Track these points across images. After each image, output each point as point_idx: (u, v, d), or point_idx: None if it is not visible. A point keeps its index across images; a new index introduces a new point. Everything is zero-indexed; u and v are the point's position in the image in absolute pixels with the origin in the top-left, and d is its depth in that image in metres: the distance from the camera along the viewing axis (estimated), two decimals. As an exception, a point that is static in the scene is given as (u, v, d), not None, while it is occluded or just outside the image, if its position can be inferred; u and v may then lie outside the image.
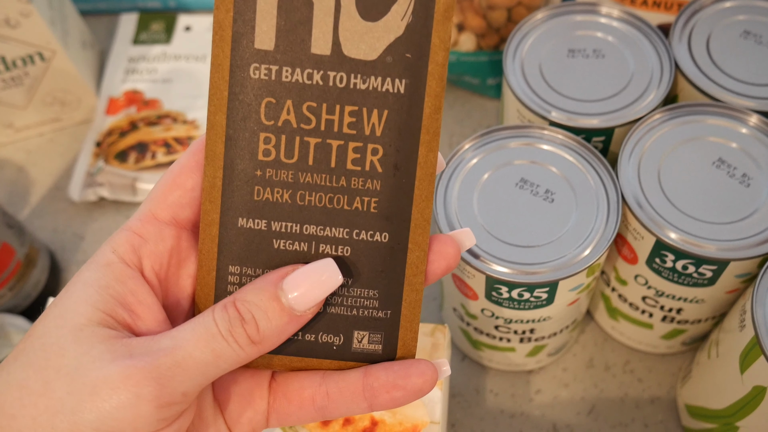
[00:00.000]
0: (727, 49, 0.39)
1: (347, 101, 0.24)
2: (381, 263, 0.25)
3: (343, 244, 0.25)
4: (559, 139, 0.36)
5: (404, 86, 0.24)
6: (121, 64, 0.58)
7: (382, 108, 0.24)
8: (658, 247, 0.34)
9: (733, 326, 0.34)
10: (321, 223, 0.25)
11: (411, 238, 0.25)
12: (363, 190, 0.25)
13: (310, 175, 0.24)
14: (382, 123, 0.24)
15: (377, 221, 0.25)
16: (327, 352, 0.26)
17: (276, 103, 0.24)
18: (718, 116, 0.36)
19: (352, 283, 0.25)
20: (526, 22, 0.41)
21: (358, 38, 0.23)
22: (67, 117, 0.57)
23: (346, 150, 0.24)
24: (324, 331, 0.26)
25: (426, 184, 0.25)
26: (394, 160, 0.24)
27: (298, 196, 0.25)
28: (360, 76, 0.24)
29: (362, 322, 0.26)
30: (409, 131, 0.24)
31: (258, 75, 0.24)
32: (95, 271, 0.24)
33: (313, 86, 0.24)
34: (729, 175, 0.35)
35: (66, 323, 0.23)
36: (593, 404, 0.43)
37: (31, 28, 0.49)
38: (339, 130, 0.24)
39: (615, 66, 0.39)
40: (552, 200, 0.35)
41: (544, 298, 0.34)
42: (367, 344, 0.26)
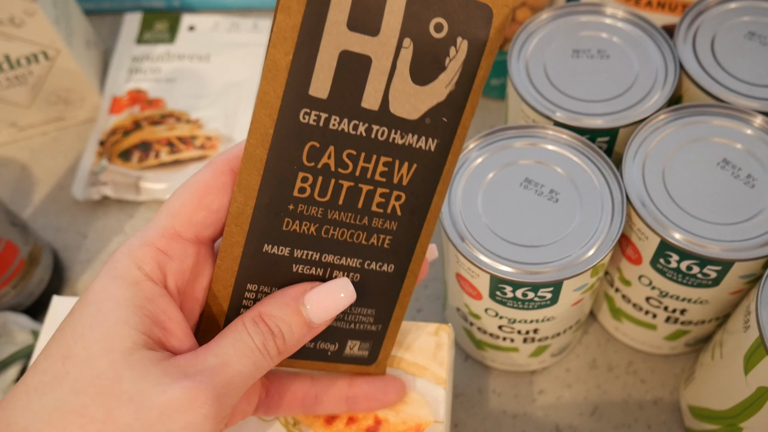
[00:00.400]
0: (732, 50, 0.39)
1: (384, 153, 0.26)
2: (382, 288, 0.29)
3: (354, 271, 0.28)
4: (564, 140, 0.36)
5: (435, 145, 0.26)
6: (125, 64, 0.58)
7: (413, 162, 0.26)
8: (662, 248, 0.34)
9: (737, 327, 0.34)
10: (339, 253, 0.27)
11: (410, 268, 0.29)
12: (381, 229, 0.27)
13: (338, 213, 0.26)
14: (410, 175, 0.26)
15: (387, 255, 0.28)
16: (321, 356, 0.30)
17: (319, 148, 0.25)
18: (722, 117, 0.36)
19: (355, 304, 0.29)
20: (530, 22, 0.41)
21: (405, 99, 0.25)
22: (70, 116, 0.57)
23: (373, 194, 0.27)
24: (323, 339, 0.29)
25: (432, 225, 0.28)
26: (412, 206, 0.27)
27: (323, 229, 0.27)
28: (400, 132, 0.26)
29: (357, 334, 0.30)
30: (431, 183, 0.27)
31: (307, 120, 0.24)
32: (126, 289, 0.24)
33: (357, 136, 0.25)
34: (734, 176, 0.35)
35: (114, 348, 0.23)
36: (596, 405, 0.43)
37: (36, 27, 0.49)
38: (372, 177, 0.26)
39: (620, 66, 0.39)
40: (556, 200, 0.35)
41: (548, 298, 0.34)
42: (357, 351, 0.30)
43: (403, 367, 0.34)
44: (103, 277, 0.25)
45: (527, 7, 0.47)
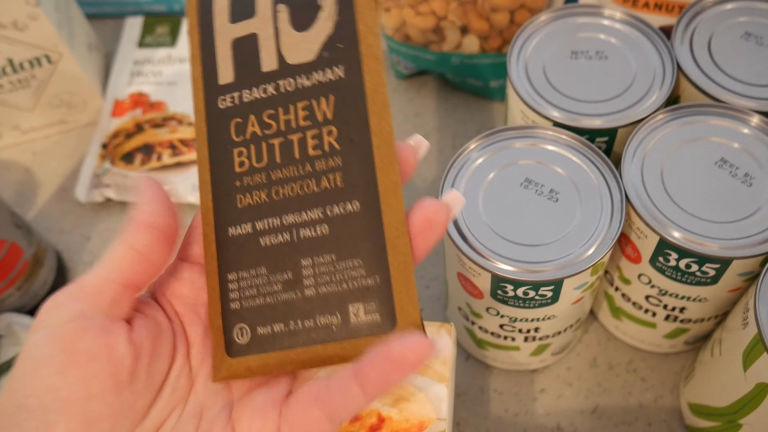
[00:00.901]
0: (729, 50, 0.39)
1: (298, 99, 0.27)
2: (358, 231, 0.26)
3: (320, 223, 0.27)
4: (563, 140, 0.37)
5: (343, 71, 0.27)
6: (127, 67, 0.59)
7: (328, 94, 0.27)
8: (661, 246, 0.34)
9: (736, 325, 0.35)
10: (297, 209, 0.27)
11: (383, 201, 0.26)
12: (327, 169, 0.27)
13: (279, 170, 0.27)
14: (331, 107, 0.27)
15: (345, 193, 0.26)
16: (329, 334, 0.26)
17: (242, 122, 0.27)
18: (720, 117, 0.37)
19: (336, 259, 0.26)
20: (529, 24, 0.41)
21: (297, 47, 0.27)
22: (73, 119, 0.57)
23: (305, 139, 0.27)
24: (320, 312, 0.27)
25: (385, 150, 0.26)
26: (347, 134, 0.27)
27: (273, 192, 0.27)
28: (305, 76, 0.27)
29: (354, 294, 0.26)
30: (357, 107, 0.27)
31: (225, 105, 0.28)
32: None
33: (269, 97, 0.27)
34: (731, 174, 0.35)
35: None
36: (597, 403, 0.43)
37: (39, 30, 0.50)
38: (296, 125, 0.27)
39: (618, 67, 0.39)
40: (556, 200, 0.35)
41: (549, 296, 0.35)
42: (365, 316, 0.26)
43: (405, 366, 0.35)
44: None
45: (525, 9, 0.47)
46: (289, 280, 0.27)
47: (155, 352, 0.25)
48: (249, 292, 0.27)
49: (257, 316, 0.27)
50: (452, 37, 0.49)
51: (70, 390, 0.22)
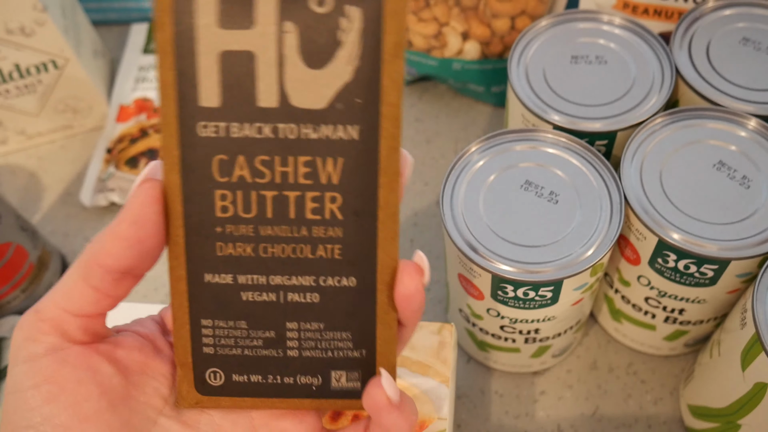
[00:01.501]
0: (727, 55, 0.40)
1: (300, 152, 0.23)
2: (351, 306, 0.25)
3: (310, 291, 0.25)
4: (563, 143, 0.37)
5: (357, 132, 0.23)
6: (132, 73, 0.59)
7: (337, 156, 0.23)
8: (660, 248, 0.35)
9: (735, 325, 0.35)
10: (287, 273, 0.25)
11: (379, 279, 0.25)
12: (325, 238, 0.24)
13: (270, 228, 0.24)
14: (338, 171, 0.24)
15: (342, 267, 0.25)
16: (307, 392, 0.26)
17: (228, 160, 0.23)
18: (718, 120, 0.37)
19: (324, 328, 0.25)
20: (530, 29, 0.42)
21: (305, 87, 0.23)
22: (78, 124, 0.58)
23: (303, 200, 0.24)
24: (302, 373, 0.26)
25: (389, 225, 0.24)
26: (353, 206, 0.24)
27: (260, 248, 0.24)
28: (311, 126, 0.23)
29: (338, 363, 0.26)
30: (367, 176, 0.24)
31: (206, 133, 0.23)
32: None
33: (264, 140, 0.23)
34: (729, 177, 0.36)
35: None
36: (597, 405, 0.43)
37: (46, 36, 0.50)
38: (295, 181, 0.24)
39: (617, 72, 0.40)
40: (556, 201, 0.36)
41: (548, 297, 0.35)
42: (345, 383, 0.26)
43: (407, 366, 0.35)
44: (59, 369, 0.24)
45: (526, 16, 0.48)
46: (271, 338, 0.26)
47: (147, 366, 0.25)
48: (226, 341, 0.26)
49: (234, 364, 0.26)
50: (454, 43, 0.50)
51: (64, 416, 0.22)
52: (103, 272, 0.23)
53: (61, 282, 0.24)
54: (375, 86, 0.23)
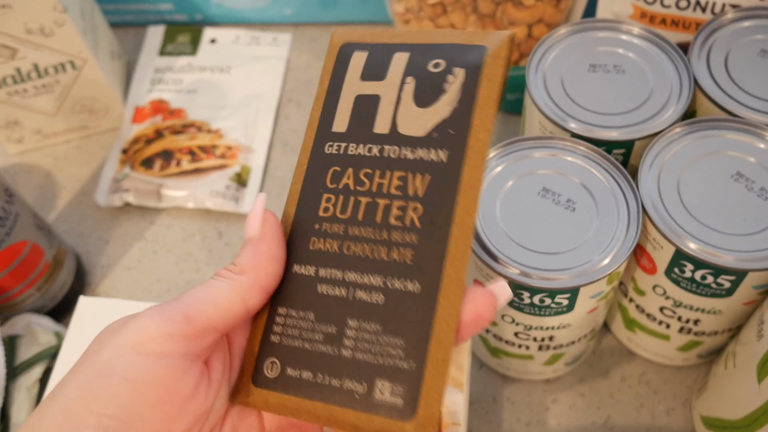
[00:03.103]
0: (745, 66, 0.40)
1: (397, 168, 0.28)
2: (410, 312, 0.26)
3: (377, 291, 0.27)
4: (581, 151, 0.37)
5: (446, 156, 0.27)
6: (148, 75, 0.60)
7: (425, 173, 0.27)
8: (677, 257, 0.35)
9: (751, 338, 0.35)
10: (360, 270, 0.27)
11: (442, 293, 0.26)
12: (401, 243, 0.27)
13: (357, 228, 0.27)
14: (424, 186, 0.27)
15: (411, 271, 0.26)
16: (350, 400, 0.27)
17: (340, 171, 0.28)
18: (736, 131, 0.37)
19: (381, 331, 0.26)
20: (548, 37, 0.42)
21: (412, 120, 0.28)
22: (94, 125, 0.58)
23: (390, 208, 0.27)
24: (349, 375, 0.27)
25: (462, 244, 0.26)
26: (431, 217, 0.27)
27: (345, 246, 0.28)
28: (410, 149, 0.28)
29: (386, 371, 0.26)
30: (448, 193, 0.27)
31: (330, 150, 0.29)
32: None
33: (371, 157, 0.28)
34: (747, 188, 0.36)
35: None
36: (609, 414, 0.43)
37: (65, 37, 0.51)
38: (387, 191, 0.27)
39: (635, 81, 0.40)
40: (573, 209, 0.36)
41: (564, 304, 0.35)
42: (389, 396, 0.26)
43: (421, 370, 0.35)
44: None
45: (543, 24, 0.48)
46: (331, 334, 0.27)
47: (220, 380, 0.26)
48: (291, 331, 0.28)
49: (292, 356, 0.28)
50: (470, 50, 0.50)
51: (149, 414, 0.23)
52: (264, 293, 0.26)
53: (213, 295, 0.25)
54: (467, 123, 0.27)
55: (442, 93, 0.28)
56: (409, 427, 0.26)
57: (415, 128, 0.28)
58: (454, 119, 0.27)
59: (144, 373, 0.23)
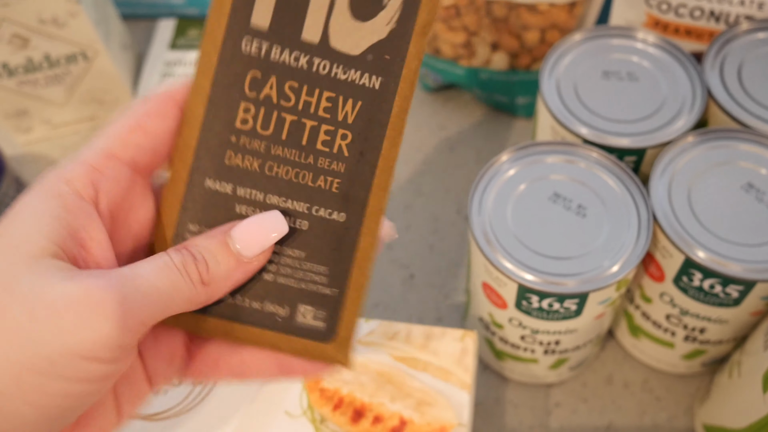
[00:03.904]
0: (759, 78, 0.40)
1: (326, 87, 0.26)
2: (334, 242, 0.26)
3: (302, 217, 0.26)
4: (593, 158, 0.38)
5: (379, 83, 0.26)
6: (158, 68, 0.60)
7: (357, 99, 0.26)
8: (686, 266, 0.35)
9: (757, 348, 0.35)
10: (284, 195, 0.26)
11: (365, 224, 0.26)
12: (328, 170, 0.26)
13: (281, 148, 0.26)
14: (354, 112, 0.26)
15: (337, 201, 0.26)
16: (271, 322, 0.27)
17: (261, 78, 0.26)
18: (748, 142, 0.38)
19: (305, 257, 0.27)
20: (563, 42, 0.42)
21: (346, 34, 0.26)
22: (103, 116, 0.58)
23: (318, 131, 0.26)
24: (270, 300, 0.27)
25: (386, 176, 0.26)
26: (360, 147, 0.26)
27: (267, 166, 0.26)
28: (342, 67, 0.26)
29: (309, 297, 0.27)
30: (378, 124, 0.26)
31: (249, 49, 0.25)
32: (46, 201, 0.23)
33: (298, 68, 0.26)
34: (757, 199, 0.36)
35: (18, 253, 0.22)
36: (611, 420, 0.43)
37: (78, 28, 0.51)
38: (315, 112, 0.26)
39: (648, 90, 0.40)
40: (584, 215, 0.36)
41: (573, 309, 0.35)
42: (311, 320, 0.27)
43: (429, 371, 0.35)
44: (28, 192, 0.23)
45: (556, 29, 0.48)
46: None
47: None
48: None
49: None
50: (482, 53, 0.50)
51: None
52: (121, 166, 0.24)
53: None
54: (403, 50, 0.26)
55: (381, 8, 0.26)
56: (329, 348, 0.27)
57: (349, 44, 0.26)
58: (390, 42, 0.26)
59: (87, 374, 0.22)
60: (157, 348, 0.27)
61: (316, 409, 0.34)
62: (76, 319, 0.21)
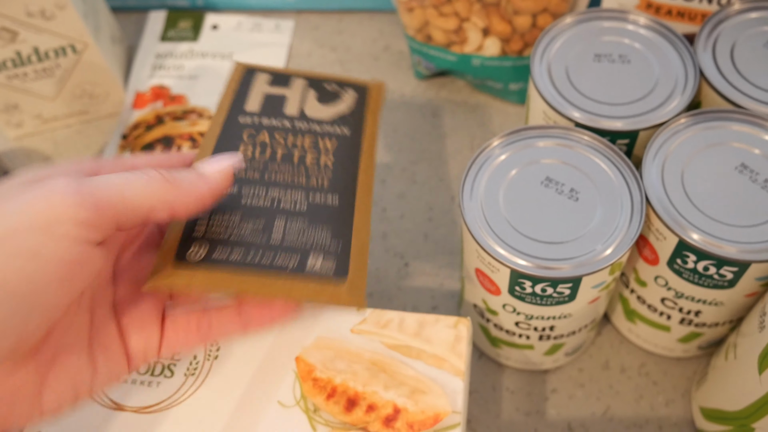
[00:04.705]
0: (752, 58, 0.40)
1: (308, 134, 0.34)
2: (333, 216, 0.31)
3: (301, 202, 0.31)
4: (585, 141, 0.37)
5: (348, 132, 0.35)
6: (149, 60, 0.59)
7: (333, 139, 0.34)
8: (680, 248, 0.35)
9: (752, 329, 0.35)
10: (283, 189, 0.32)
11: (357, 201, 0.32)
12: (318, 175, 0.33)
13: (277, 165, 0.33)
14: (333, 146, 0.34)
15: (329, 191, 0.32)
16: (282, 272, 0.29)
17: (255, 132, 0.34)
18: (741, 123, 0.37)
19: (307, 226, 0.30)
20: (554, 26, 0.41)
21: (317, 111, 0.36)
22: (94, 110, 0.58)
23: (305, 155, 0.33)
24: (280, 255, 0.29)
25: (365, 194, 0.33)
26: (341, 161, 0.34)
27: (266, 175, 0.32)
28: (317, 125, 0.35)
29: (316, 248, 0.30)
30: (353, 154, 0.34)
31: (244, 120, 0.35)
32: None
33: (283, 127, 0.34)
34: (751, 180, 0.36)
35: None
36: (608, 405, 0.43)
37: (66, 20, 0.50)
38: (301, 146, 0.34)
39: (640, 71, 0.40)
40: (576, 199, 0.36)
41: (566, 294, 0.35)
42: (321, 265, 0.29)
43: (423, 359, 0.35)
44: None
45: (548, 14, 0.48)
46: (258, 229, 0.30)
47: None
48: (216, 229, 0.30)
49: (218, 242, 0.29)
50: (474, 39, 0.50)
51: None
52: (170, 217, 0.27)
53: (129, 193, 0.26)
54: (361, 118, 0.36)
55: (339, 100, 0.36)
56: (342, 290, 0.28)
57: (321, 115, 0.35)
58: (351, 114, 0.36)
59: (50, 252, 0.23)
60: (131, 315, 0.29)
61: (309, 398, 0.34)
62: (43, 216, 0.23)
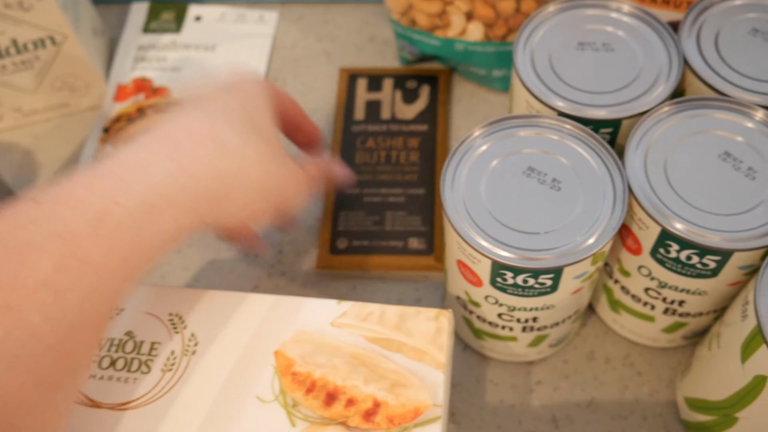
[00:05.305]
0: (736, 45, 0.39)
1: (399, 135, 0.51)
2: (421, 204, 0.48)
3: (400, 196, 0.49)
4: (568, 129, 0.37)
5: (426, 127, 0.52)
6: (131, 52, 0.59)
7: (416, 137, 0.51)
8: (663, 237, 0.34)
9: (735, 318, 0.35)
10: (388, 187, 0.49)
11: (436, 194, 0.45)
12: (409, 171, 0.50)
13: (382, 166, 0.50)
14: (417, 142, 0.51)
15: (417, 184, 0.49)
16: (394, 251, 0.47)
17: (364, 140, 0.51)
18: (724, 110, 0.37)
19: (407, 214, 0.48)
20: (537, 14, 0.41)
21: (403, 111, 0.53)
22: (75, 103, 0.57)
23: (399, 155, 0.50)
24: (392, 239, 0.47)
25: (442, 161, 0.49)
26: (424, 156, 0.50)
27: (376, 176, 0.49)
28: (404, 125, 0.52)
29: (414, 233, 0.47)
30: (431, 144, 0.51)
31: (356, 129, 0.52)
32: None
33: (382, 131, 0.52)
34: (735, 168, 0.35)
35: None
36: (593, 396, 0.43)
37: (44, 11, 0.50)
38: (395, 147, 0.50)
39: (624, 60, 0.39)
40: (559, 189, 0.35)
41: (548, 285, 0.35)
42: (417, 245, 0.47)
43: (403, 352, 0.34)
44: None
45: (533, 0, 0.47)
46: (376, 220, 0.47)
47: None
48: (351, 223, 0.48)
49: (353, 235, 0.47)
50: (457, 23, 0.49)
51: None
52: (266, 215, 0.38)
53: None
54: (434, 111, 0.53)
55: (418, 98, 0.53)
56: (431, 260, 0.46)
57: (406, 115, 0.52)
58: (428, 110, 0.52)
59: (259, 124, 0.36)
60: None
61: (288, 393, 0.33)
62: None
